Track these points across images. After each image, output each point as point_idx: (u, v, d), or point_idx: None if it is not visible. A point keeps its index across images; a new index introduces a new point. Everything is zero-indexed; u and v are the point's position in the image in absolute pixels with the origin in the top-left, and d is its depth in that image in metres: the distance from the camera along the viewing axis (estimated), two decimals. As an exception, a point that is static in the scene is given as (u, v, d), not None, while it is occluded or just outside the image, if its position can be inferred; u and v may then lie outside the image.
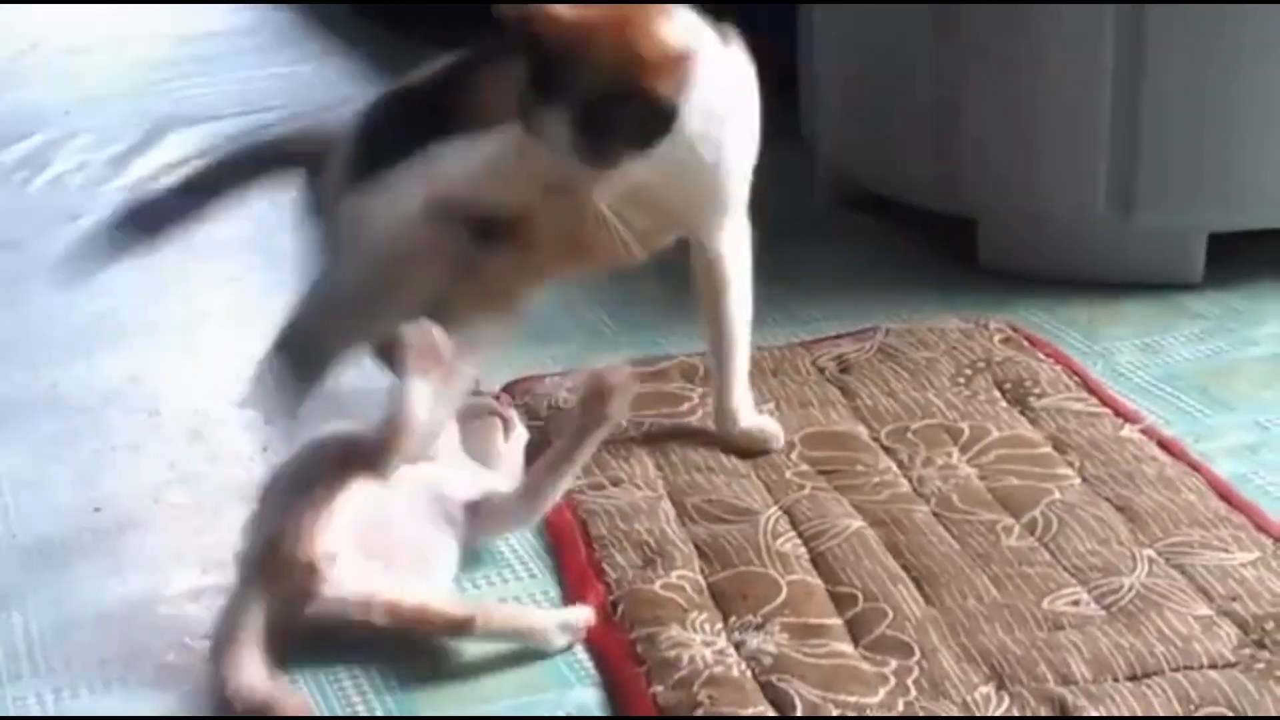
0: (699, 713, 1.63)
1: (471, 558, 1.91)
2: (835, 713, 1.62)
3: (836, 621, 1.78)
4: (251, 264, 2.97)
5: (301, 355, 2.01)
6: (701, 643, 1.74)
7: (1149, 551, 1.88)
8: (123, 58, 4.50)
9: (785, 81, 3.22)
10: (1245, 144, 2.48)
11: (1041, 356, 2.35)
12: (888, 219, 2.82)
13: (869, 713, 1.62)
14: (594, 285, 2.76)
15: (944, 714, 1.62)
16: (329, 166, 2.08)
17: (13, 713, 1.71)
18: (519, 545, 1.95)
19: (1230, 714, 1.60)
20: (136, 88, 4.18)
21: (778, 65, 3.11)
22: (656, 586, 1.84)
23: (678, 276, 2.80)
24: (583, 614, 1.77)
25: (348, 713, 1.68)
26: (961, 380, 2.29)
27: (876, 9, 2.75)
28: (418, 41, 4.41)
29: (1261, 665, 1.67)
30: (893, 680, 1.68)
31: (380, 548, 1.75)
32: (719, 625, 1.78)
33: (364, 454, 1.79)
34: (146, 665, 1.78)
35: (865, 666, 1.70)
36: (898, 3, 2.67)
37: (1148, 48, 2.44)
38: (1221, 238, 2.25)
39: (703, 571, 1.88)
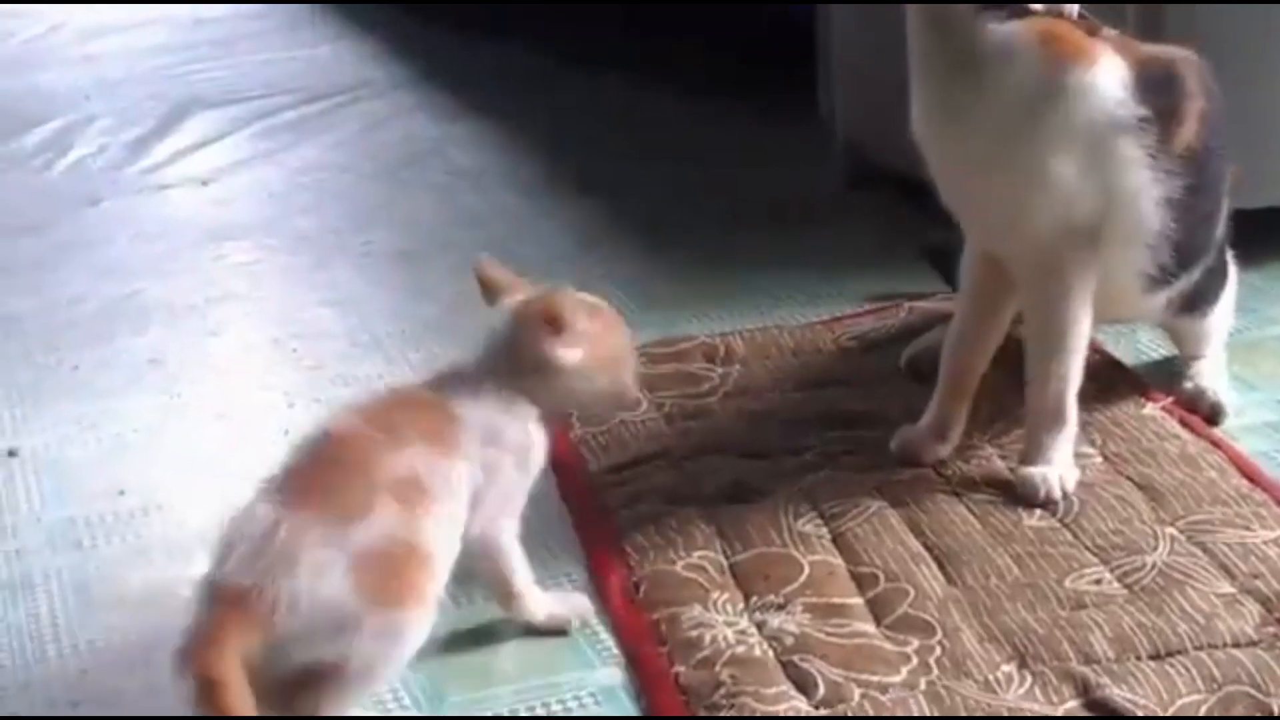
0: (721, 692, 1.63)
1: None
2: (857, 692, 1.63)
3: (858, 601, 1.78)
4: (271, 247, 2.98)
5: None
6: (723, 623, 1.74)
7: (1171, 530, 1.88)
8: (141, 41, 4.51)
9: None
10: (1266, 121, 2.47)
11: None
12: (906, 196, 2.81)
13: (891, 692, 1.63)
14: (613, 265, 2.77)
15: (966, 693, 1.62)
16: None
17: (39, 694, 1.72)
18: (544, 528, 1.95)
19: (1253, 692, 1.60)
20: (155, 71, 4.19)
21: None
22: (678, 567, 1.84)
23: (698, 254, 2.81)
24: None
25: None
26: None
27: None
28: (432, 25, 4.44)
29: (1284, 643, 1.67)
30: (914, 659, 1.68)
31: None
32: (741, 605, 1.78)
33: None
34: (170, 648, 1.78)
35: (887, 646, 1.70)
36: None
37: (1166, 33, 2.43)
38: (1243, 215, 2.25)
39: (724, 552, 1.88)
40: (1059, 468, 1.96)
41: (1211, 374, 2.17)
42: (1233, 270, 2.20)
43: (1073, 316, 1.96)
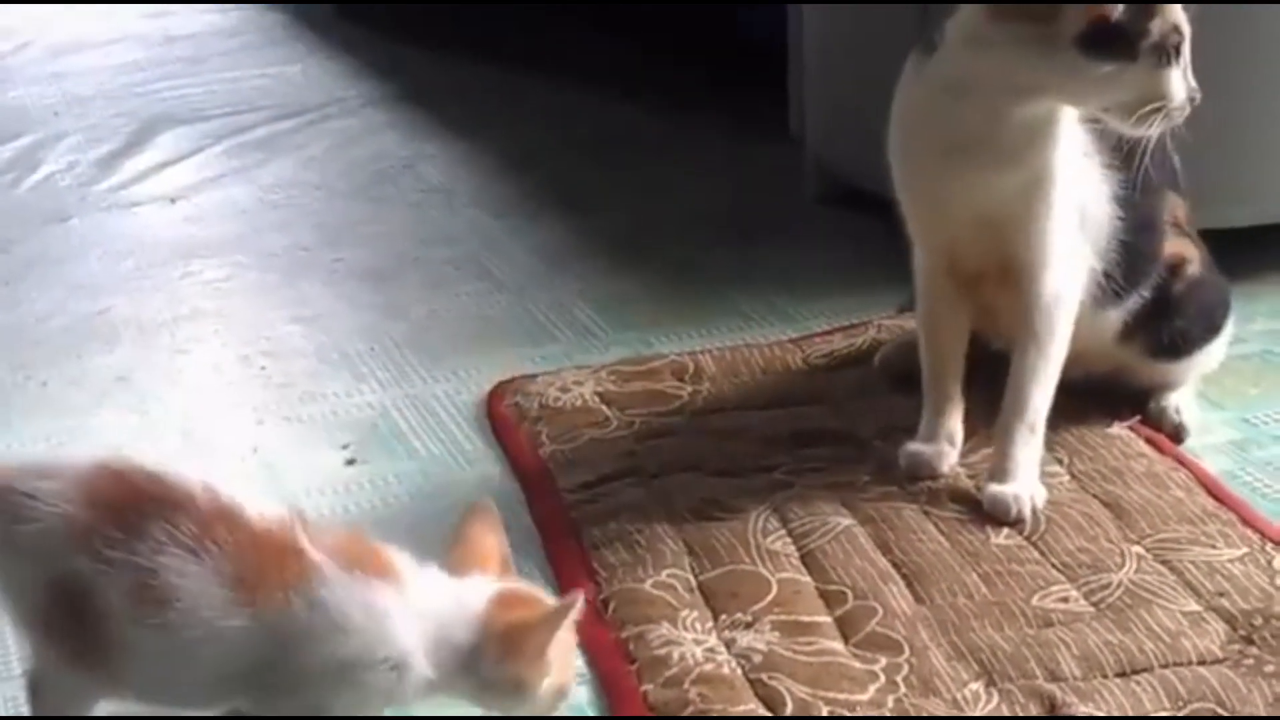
0: (689, 710, 1.63)
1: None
2: (825, 710, 1.63)
3: (826, 619, 1.79)
4: (240, 265, 2.97)
5: None
6: (692, 641, 1.74)
7: (1137, 548, 1.89)
8: (110, 58, 4.50)
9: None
10: (1239, 141, 2.48)
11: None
12: (877, 215, 2.82)
13: (859, 710, 1.63)
14: (584, 284, 2.77)
15: (934, 711, 1.62)
16: None
17: (6, 710, 1.71)
18: (512, 544, 1.95)
19: (1219, 710, 1.60)
20: (125, 88, 4.18)
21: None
22: (647, 585, 1.84)
23: (669, 272, 2.82)
24: None
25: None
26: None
27: (865, 6, 2.75)
28: (404, 43, 4.44)
29: (1250, 661, 1.68)
30: (882, 677, 1.68)
31: None
32: (709, 623, 1.78)
33: None
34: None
35: (855, 664, 1.70)
36: (885, 2, 2.67)
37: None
38: (1215, 235, 2.26)
39: (693, 570, 1.88)
40: (1028, 486, 1.97)
41: (1177, 394, 2.19)
42: (1227, 331, 2.21)
43: (1063, 321, 1.98)
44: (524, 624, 1.49)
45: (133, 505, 1.44)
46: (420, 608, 1.49)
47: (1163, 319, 2.11)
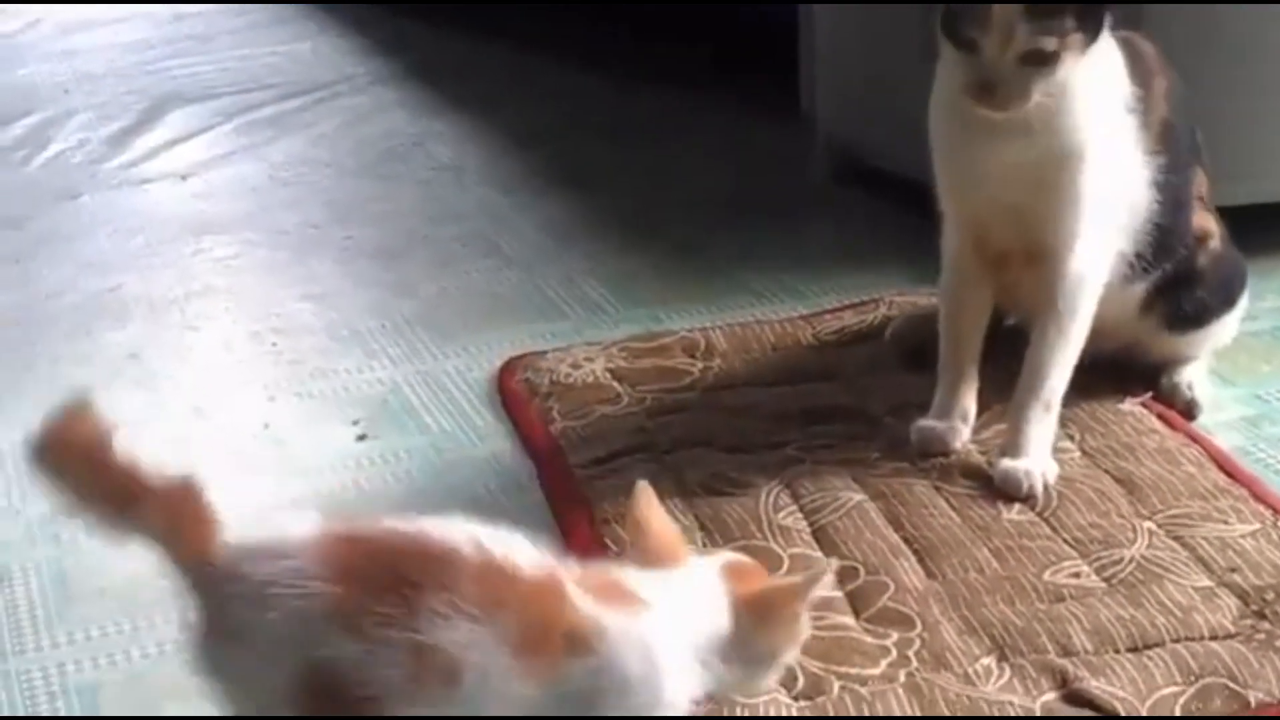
0: (701, 685, 1.63)
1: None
2: (837, 685, 1.63)
3: (838, 594, 1.79)
4: (250, 242, 2.97)
5: None
6: (703, 615, 1.74)
7: (1149, 523, 1.89)
8: (120, 36, 4.50)
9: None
10: (1248, 117, 2.48)
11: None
12: (887, 193, 2.82)
13: (870, 684, 1.63)
14: (594, 261, 2.77)
15: (945, 685, 1.62)
16: None
17: (18, 687, 1.72)
18: (524, 520, 1.95)
19: (1230, 684, 1.60)
20: (135, 66, 4.18)
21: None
22: (658, 560, 1.84)
23: (679, 249, 2.82)
24: None
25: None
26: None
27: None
28: (414, 21, 4.44)
29: (1262, 636, 1.68)
30: (894, 652, 1.68)
31: None
32: (721, 598, 1.78)
33: None
34: (149, 640, 1.79)
35: (867, 639, 1.71)
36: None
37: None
38: (1228, 212, 2.26)
39: (705, 544, 1.88)
40: (1040, 462, 1.97)
41: (1190, 370, 2.18)
42: (1241, 305, 2.20)
43: (1086, 303, 1.98)
44: (775, 590, 1.42)
45: (396, 573, 1.29)
46: (676, 621, 1.38)
47: (1183, 290, 2.11)
